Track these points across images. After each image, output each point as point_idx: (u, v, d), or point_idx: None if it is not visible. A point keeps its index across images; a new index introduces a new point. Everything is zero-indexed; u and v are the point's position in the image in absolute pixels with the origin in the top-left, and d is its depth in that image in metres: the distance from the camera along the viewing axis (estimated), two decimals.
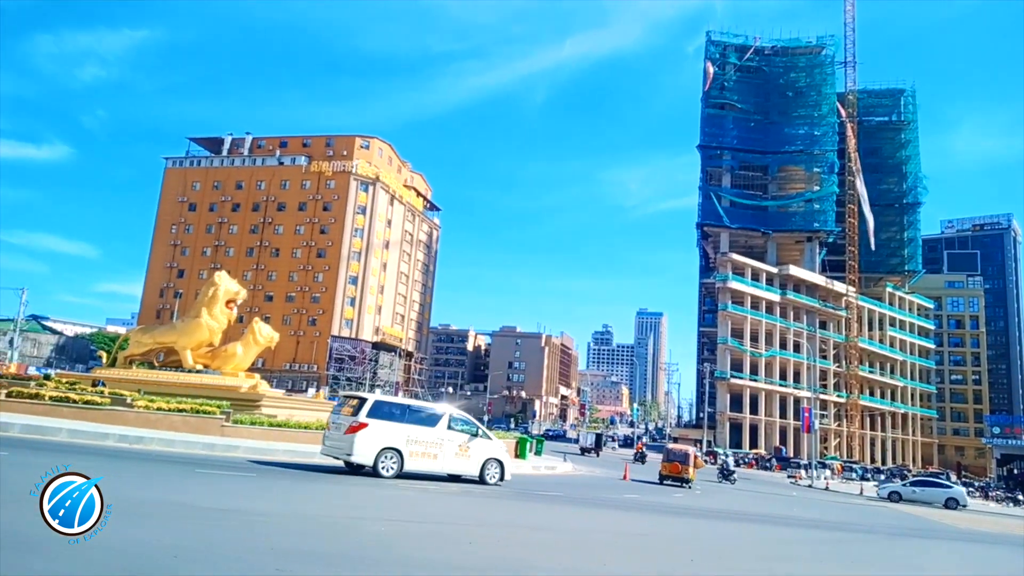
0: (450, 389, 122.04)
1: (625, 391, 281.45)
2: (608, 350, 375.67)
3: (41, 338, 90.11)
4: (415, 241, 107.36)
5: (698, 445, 69.46)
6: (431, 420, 17.35)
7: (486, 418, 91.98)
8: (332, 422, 17.06)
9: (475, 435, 17.79)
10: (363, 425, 15.78)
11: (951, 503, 36.86)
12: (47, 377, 31.63)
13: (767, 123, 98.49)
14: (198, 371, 29.94)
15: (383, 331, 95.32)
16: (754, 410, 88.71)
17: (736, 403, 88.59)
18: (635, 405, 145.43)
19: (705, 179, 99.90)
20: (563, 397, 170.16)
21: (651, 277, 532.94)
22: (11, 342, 64.17)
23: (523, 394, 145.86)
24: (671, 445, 38.80)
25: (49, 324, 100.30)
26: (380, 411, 16.39)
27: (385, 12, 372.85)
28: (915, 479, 45.31)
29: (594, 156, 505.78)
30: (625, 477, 31.54)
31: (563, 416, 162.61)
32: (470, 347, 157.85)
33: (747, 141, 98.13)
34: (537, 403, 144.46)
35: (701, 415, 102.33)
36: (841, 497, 38.00)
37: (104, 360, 33.23)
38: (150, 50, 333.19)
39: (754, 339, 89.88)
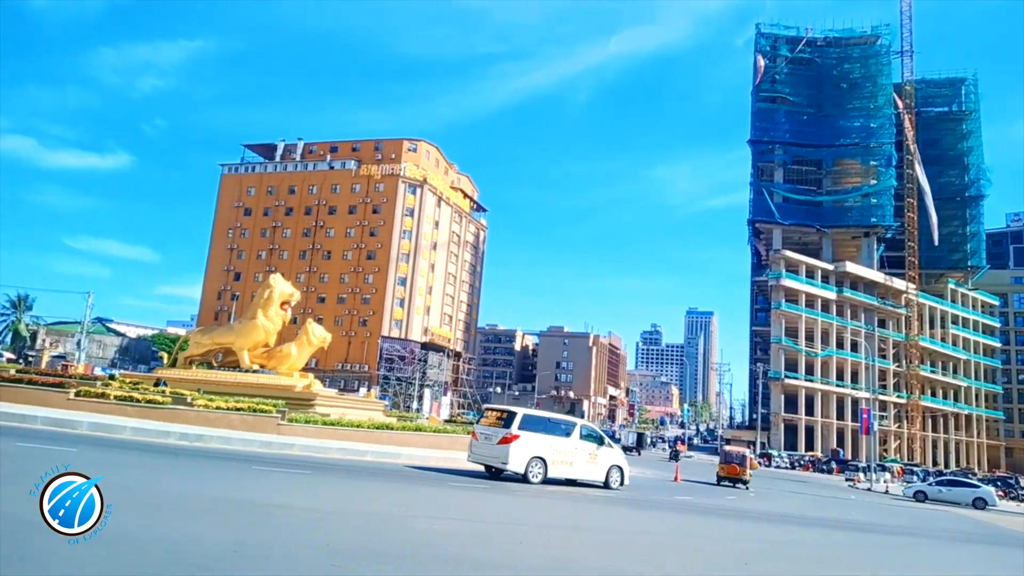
0: (498, 389, 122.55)
1: (675, 392, 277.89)
2: (657, 350, 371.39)
3: (106, 340, 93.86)
4: (462, 242, 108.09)
5: (751, 447, 68.06)
6: (567, 430, 19.27)
7: None
8: (480, 432, 18.94)
9: (601, 444, 19.77)
10: (516, 437, 17.84)
11: (979, 503, 36.08)
12: (112, 377, 32.87)
13: (820, 116, 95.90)
14: (254, 371, 30.72)
15: (431, 331, 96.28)
16: (809, 411, 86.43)
17: (791, 404, 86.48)
18: (685, 406, 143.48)
19: (756, 175, 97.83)
20: (612, 398, 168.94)
21: (701, 276, 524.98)
22: (78, 344, 66.97)
23: (571, 394, 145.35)
24: (728, 447, 38.76)
25: (113, 326, 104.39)
26: (528, 423, 18.44)
27: (429, 16, 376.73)
28: (941, 479, 44.23)
29: (640, 154, 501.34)
30: (676, 478, 31.11)
31: (612, 417, 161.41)
32: (517, 347, 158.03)
33: (800, 135, 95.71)
34: (585, 403, 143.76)
35: (754, 416, 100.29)
36: (896, 500, 36.75)
37: (165, 361, 34.39)
38: (205, 59, 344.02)
39: (809, 338, 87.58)
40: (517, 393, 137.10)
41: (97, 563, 5.88)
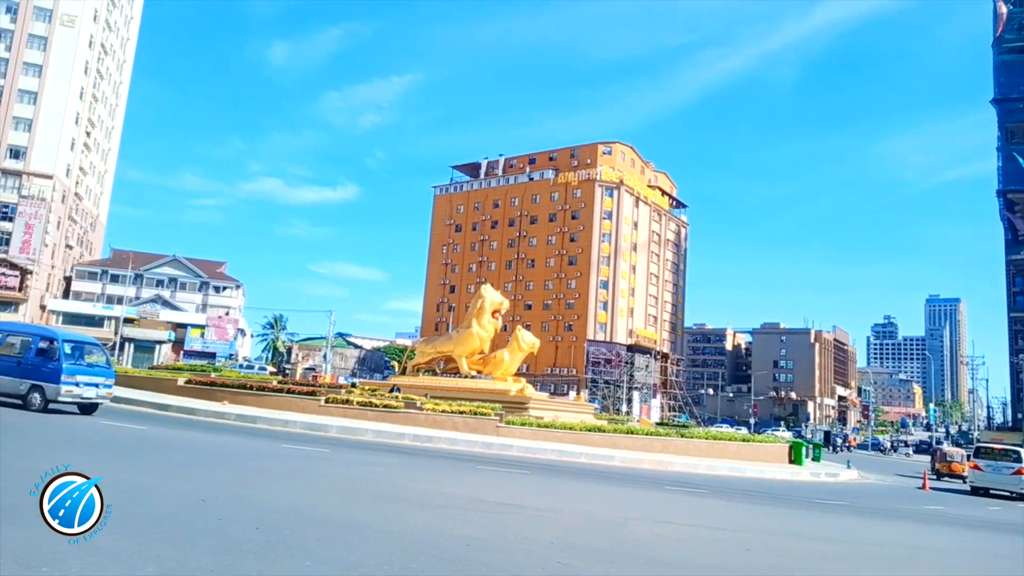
0: (710, 391, 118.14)
1: (917, 390, 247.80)
2: (892, 344, 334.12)
3: (347, 352, 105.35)
4: (663, 241, 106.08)
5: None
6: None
7: (752, 421, 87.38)
8: (984, 464, 25.99)
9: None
10: None
11: None
12: (353, 385, 36.86)
13: None
14: (472, 376, 32.79)
15: (636, 333, 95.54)
16: None
17: None
18: (931, 405, 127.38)
19: (1004, 138, 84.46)
20: (840, 398, 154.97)
21: (941, 259, 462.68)
22: (324, 356, 76.09)
23: (793, 395, 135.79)
24: (945, 448, 35.25)
25: (351, 339, 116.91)
26: None
27: (615, 18, 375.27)
28: None
29: (859, 129, 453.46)
30: (924, 486, 27.85)
31: (842, 419, 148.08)
32: (728, 346, 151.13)
33: None
34: (810, 404, 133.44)
35: (1019, 415, 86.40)
36: None
37: (396, 369, 37.98)
38: (415, 92, 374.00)
39: None
40: (731, 395, 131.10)
41: (354, 551, 6.71)
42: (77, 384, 16.85)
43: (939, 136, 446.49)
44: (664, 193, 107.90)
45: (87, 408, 17.68)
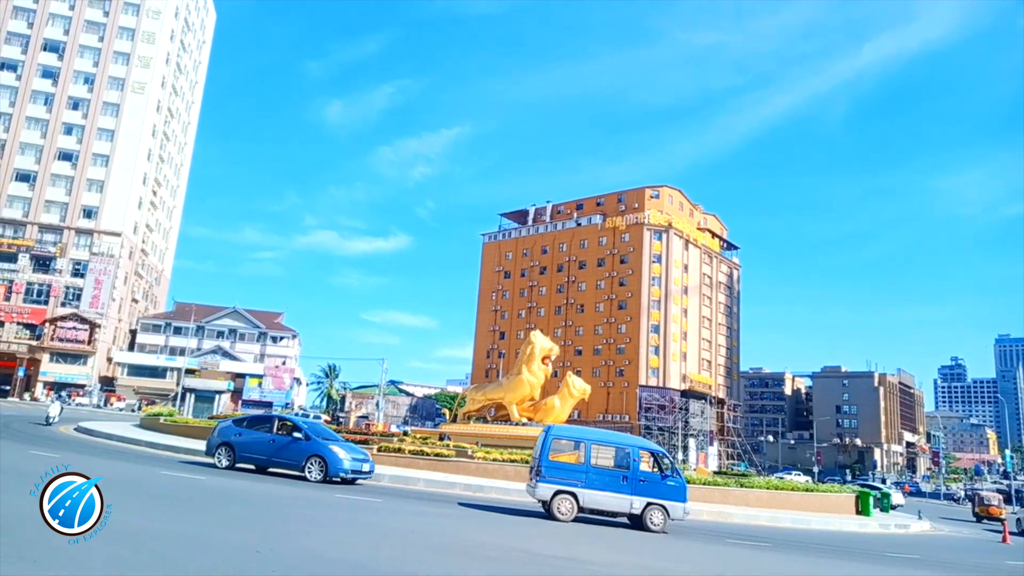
0: (770, 438, 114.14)
1: (991, 435, 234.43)
2: (961, 387, 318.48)
3: (399, 399, 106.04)
4: (715, 283, 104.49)
5: None
6: None
7: (816, 469, 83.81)
8: None
9: None
10: None
11: None
12: (405, 433, 36.98)
13: None
14: (523, 423, 32.50)
15: (690, 378, 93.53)
16: None
17: None
18: (1007, 451, 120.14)
19: None
20: (908, 444, 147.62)
21: (1008, 296, 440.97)
22: (377, 404, 76.71)
23: (858, 441, 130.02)
24: (983, 492, 34.16)
25: (403, 387, 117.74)
26: None
27: (660, 63, 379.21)
28: None
29: (915, 164, 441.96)
30: (1005, 539, 26.11)
31: (911, 466, 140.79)
32: (787, 391, 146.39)
33: None
34: (876, 451, 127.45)
35: None
36: None
37: (447, 416, 37.96)
38: (463, 143, 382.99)
39: None
40: (792, 442, 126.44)
41: None
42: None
43: (999, 170, 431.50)
44: (714, 235, 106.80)
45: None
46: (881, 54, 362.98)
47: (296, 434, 18.74)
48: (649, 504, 15.39)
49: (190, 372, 75.62)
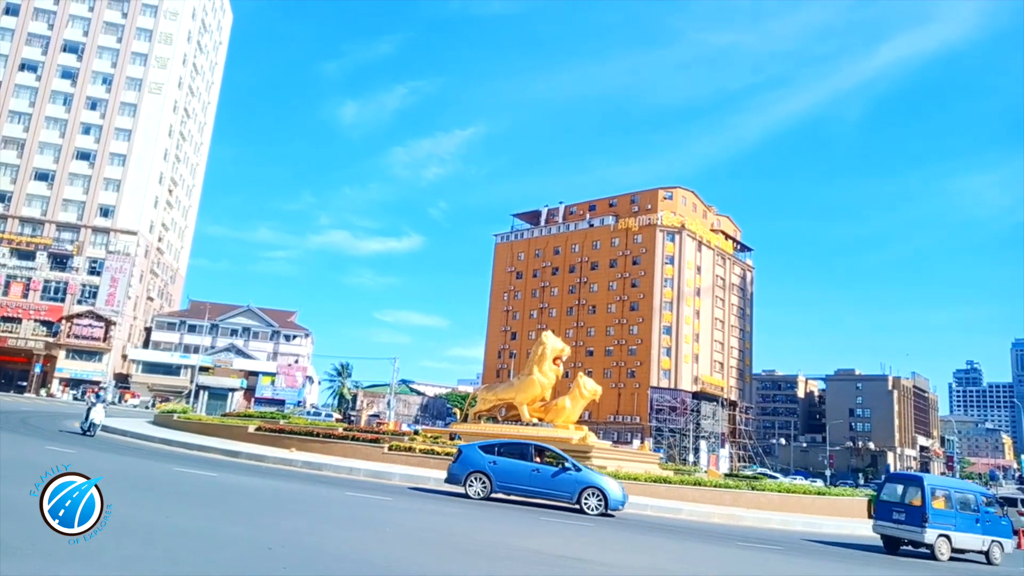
0: (782, 440, 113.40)
1: (1007, 440, 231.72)
2: (976, 391, 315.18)
3: (410, 399, 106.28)
4: (728, 285, 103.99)
5: None
6: None
7: (828, 472, 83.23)
8: None
9: None
10: None
11: None
12: (416, 432, 37.02)
13: None
14: (534, 424, 32.46)
15: (702, 380, 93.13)
16: None
17: None
18: (1023, 456, 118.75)
19: None
20: (922, 448, 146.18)
21: None
22: (388, 403, 77.03)
23: (871, 445, 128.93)
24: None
25: (414, 386, 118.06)
26: None
27: (675, 64, 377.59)
28: None
29: (932, 167, 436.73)
30: (1020, 544, 25.77)
31: (925, 470, 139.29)
32: (800, 394, 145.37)
33: None
34: (890, 455, 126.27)
35: None
36: None
37: (458, 416, 37.95)
38: (476, 144, 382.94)
39: None
40: (805, 445, 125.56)
41: None
42: None
43: (1018, 172, 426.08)
44: (728, 237, 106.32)
45: None
46: (898, 55, 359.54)
47: (565, 464, 18.09)
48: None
49: (204, 370, 76.25)
